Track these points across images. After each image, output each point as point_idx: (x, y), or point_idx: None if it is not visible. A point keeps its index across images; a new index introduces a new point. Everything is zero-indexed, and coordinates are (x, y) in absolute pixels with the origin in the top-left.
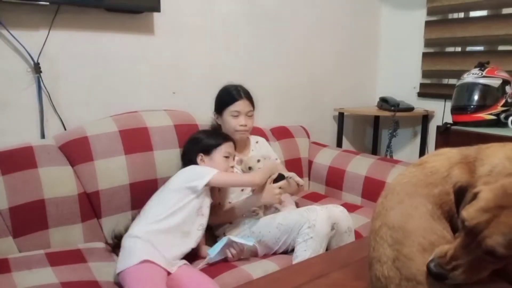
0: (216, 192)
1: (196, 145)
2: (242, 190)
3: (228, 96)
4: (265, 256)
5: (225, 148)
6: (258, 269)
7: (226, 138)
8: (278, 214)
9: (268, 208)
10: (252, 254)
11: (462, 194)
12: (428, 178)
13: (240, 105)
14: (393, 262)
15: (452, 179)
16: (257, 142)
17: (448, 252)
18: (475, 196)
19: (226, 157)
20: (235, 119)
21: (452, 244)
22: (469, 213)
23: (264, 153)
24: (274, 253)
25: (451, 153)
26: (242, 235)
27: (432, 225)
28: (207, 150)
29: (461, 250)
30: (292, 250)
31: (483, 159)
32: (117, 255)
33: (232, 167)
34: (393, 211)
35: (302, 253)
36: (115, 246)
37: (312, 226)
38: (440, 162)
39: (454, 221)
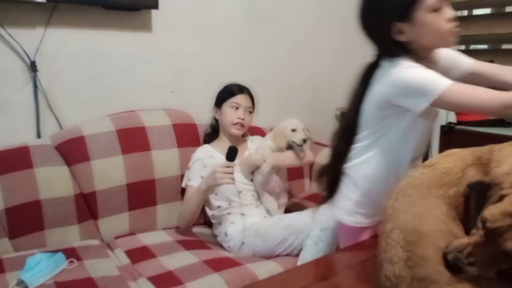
0: None
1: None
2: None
3: (229, 90)
4: (269, 257)
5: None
6: (262, 269)
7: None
8: (286, 215)
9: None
10: (255, 255)
11: (480, 190)
12: (442, 179)
13: (241, 99)
14: (406, 262)
15: (467, 180)
16: (252, 141)
17: (466, 249)
18: (501, 198)
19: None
20: (234, 111)
21: (469, 239)
22: (493, 215)
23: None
24: (277, 255)
25: (463, 154)
26: (245, 234)
27: (448, 226)
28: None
29: (479, 248)
30: (297, 254)
31: (499, 161)
32: None
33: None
34: (405, 214)
35: (312, 256)
36: None
37: (325, 229)
38: (453, 163)
39: (467, 223)
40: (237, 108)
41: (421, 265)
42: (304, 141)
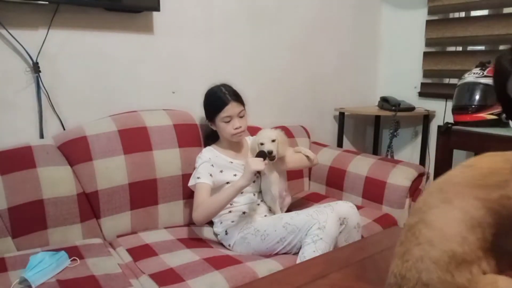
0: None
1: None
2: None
3: (215, 103)
4: (269, 256)
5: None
6: (262, 267)
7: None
8: (285, 214)
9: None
10: (254, 253)
11: None
12: (486, 179)
13: (230, 110)
14: (415, 262)
15: None
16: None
17: None
18: None
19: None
20: (228, 124)
21: None
22: None
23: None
24: (276, 254)
25: (507, 155)
26: (245, 233)
27: (472, 238)
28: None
29: None
30: (296, 253)
31: None
32: None
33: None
34: (437, 210)
35: (311, 254)
36: None
37: (322, 228)
38: (499, 163)
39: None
40: (230, 120)
41: (430, 270)
42: (270, 153)
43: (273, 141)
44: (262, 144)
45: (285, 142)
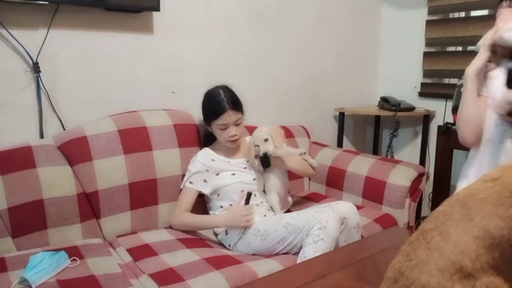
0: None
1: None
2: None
3: (212, 109)
4: (269, 256)
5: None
6: (262, 267)
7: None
8: (286, 214)
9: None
10: (255, 253)
11: None
12: None
13: (226, 118)
14: (419, 263)
15: None
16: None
17: None
18: None
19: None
20: (224, 131)
21: None
22: None
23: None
24: (276, 254)
25: None
26: (246, 233)
27: (487, 254)
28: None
29: None
30: (296, 253)
31: None
32: None
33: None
34: (457, 223)
35: (312, 254)
36: None
37: (324, 228)
38: None
39: None
40: (225, 128)
41: (432, 274)
42: (265, 155)
43: (266, 140)
44: (257, 145)
45: (279, 135)
